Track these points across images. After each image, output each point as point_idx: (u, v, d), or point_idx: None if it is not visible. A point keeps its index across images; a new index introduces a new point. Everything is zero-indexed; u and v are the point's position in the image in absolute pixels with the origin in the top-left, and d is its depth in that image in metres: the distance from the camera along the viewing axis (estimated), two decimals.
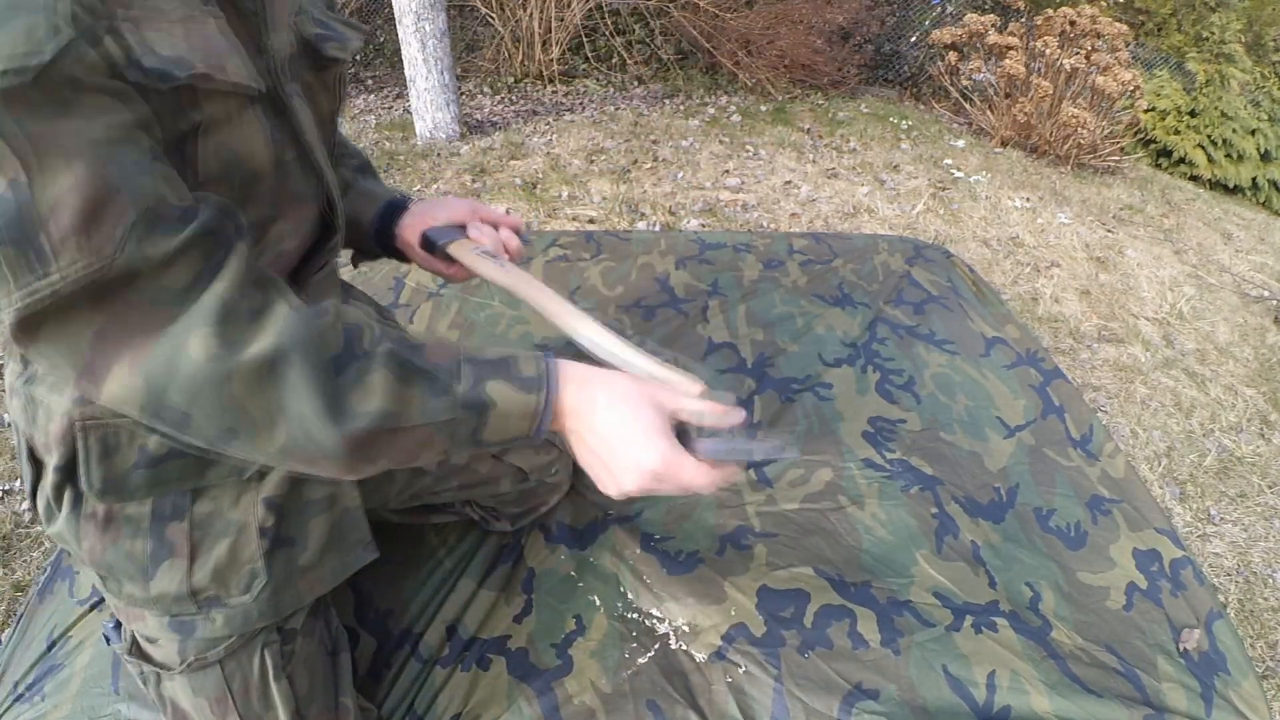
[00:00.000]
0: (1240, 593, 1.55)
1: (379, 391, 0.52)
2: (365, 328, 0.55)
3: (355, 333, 0.54)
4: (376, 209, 0.90)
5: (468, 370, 0.56)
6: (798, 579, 1.06)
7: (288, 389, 0.49)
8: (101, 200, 0.44)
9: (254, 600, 0.71)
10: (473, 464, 0.97)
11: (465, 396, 0.56)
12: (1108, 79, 3.82)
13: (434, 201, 0.91)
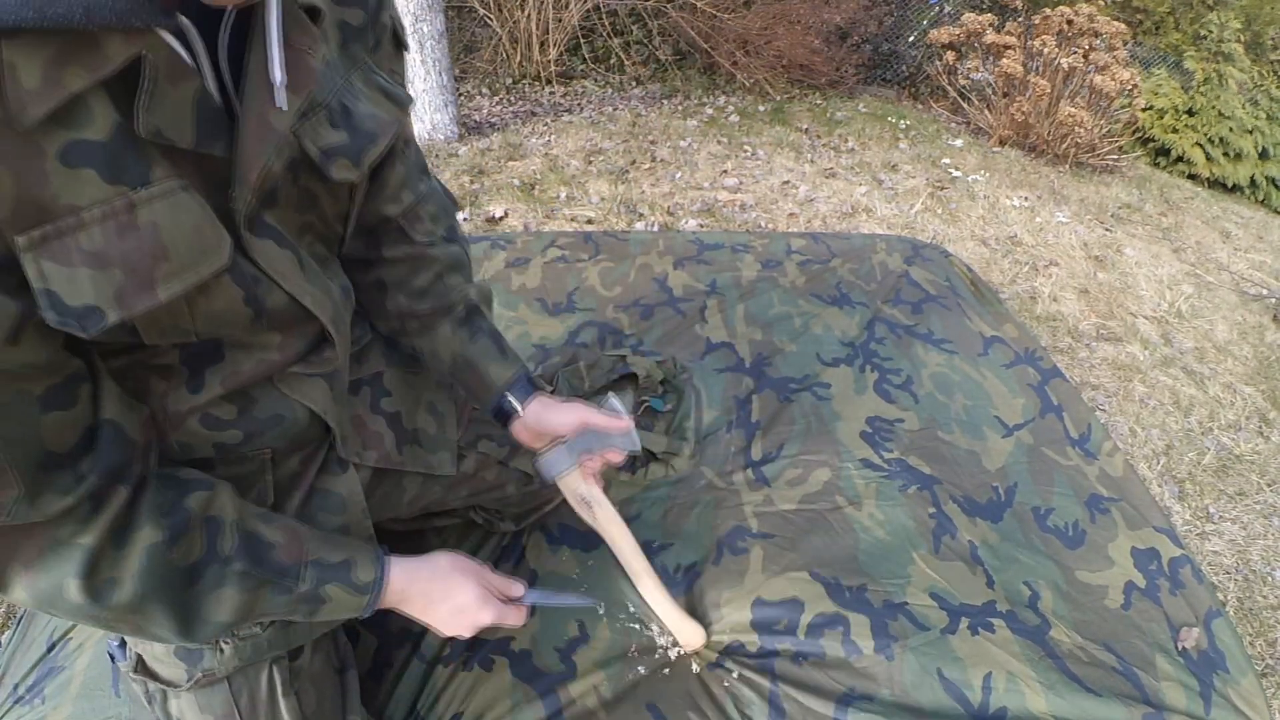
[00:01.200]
0: (1239, 591, 1.55)
1: (229, 605, 0.60)
2: (224, 528, 0.61)
3: (215, 533, 0.60)
4: (488, 405, 0.91)
5: (311, 574, 0.65)
6: (793, 586, 1.06)
7: (148, 621, 0.57)
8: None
9: (264, 632, 0.71)
10: (480, 472, 0.97)
11: (304, 594, 0.65)
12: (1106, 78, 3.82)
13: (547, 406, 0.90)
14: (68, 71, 0.42)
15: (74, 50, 0.41)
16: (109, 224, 0.46)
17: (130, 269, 0.48)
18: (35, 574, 0.51)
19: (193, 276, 0.51)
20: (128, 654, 0.73)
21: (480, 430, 0.98)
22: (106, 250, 0.46)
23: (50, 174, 0.43)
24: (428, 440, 0.89)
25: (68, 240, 0.45)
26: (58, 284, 0.45)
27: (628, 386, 1.42)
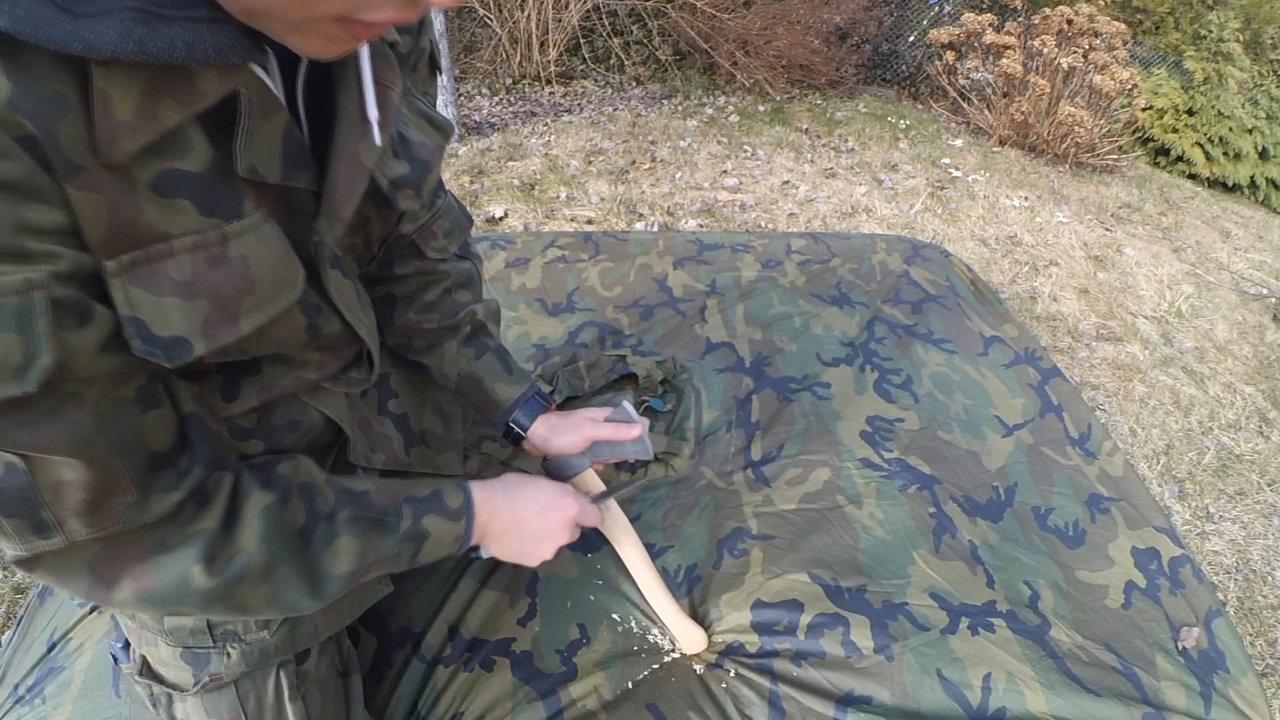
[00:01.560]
0: (1239, 590, 1.55)
1: (347, 554, 0.61)
2: (318, 488, 0.62)
3: (311, 495, 0.61)
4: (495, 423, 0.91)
5: (408, 510, 0.67)
6: (792, 588, 1.06)
7: (280, 587, 0.58)
8: (103, 488, 0.47)
9: (271, 636, 0.71)
10: (483, 473, 0.97)
11: (408, 531, 0.66)
12: (1105, 78, 3.82)
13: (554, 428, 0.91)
14: (162, 105, 0.42)
15: (167, 83, 0.41)
16: (199, 254, 0.47)
17: (218, 301, 0.48)
18: (147, 576, 0.52)
19: (273, 309, 0.53)
20: (132, 656, 0.73)
21: (483, 431, 0.98)
22: (196, 281, 0.47)
23: (142, 202, 0.43)
24: (435, 441, 0.89)
25: (156, 268, 0.45)
26: (146, 312, 0.45)
27: (627, 386, 1.42)
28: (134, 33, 0.37)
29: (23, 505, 0.45)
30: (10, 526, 0.45)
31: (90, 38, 0.36)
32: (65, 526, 0.46)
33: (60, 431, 0.44)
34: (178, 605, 0.54)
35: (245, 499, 0.56)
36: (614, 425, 0.90)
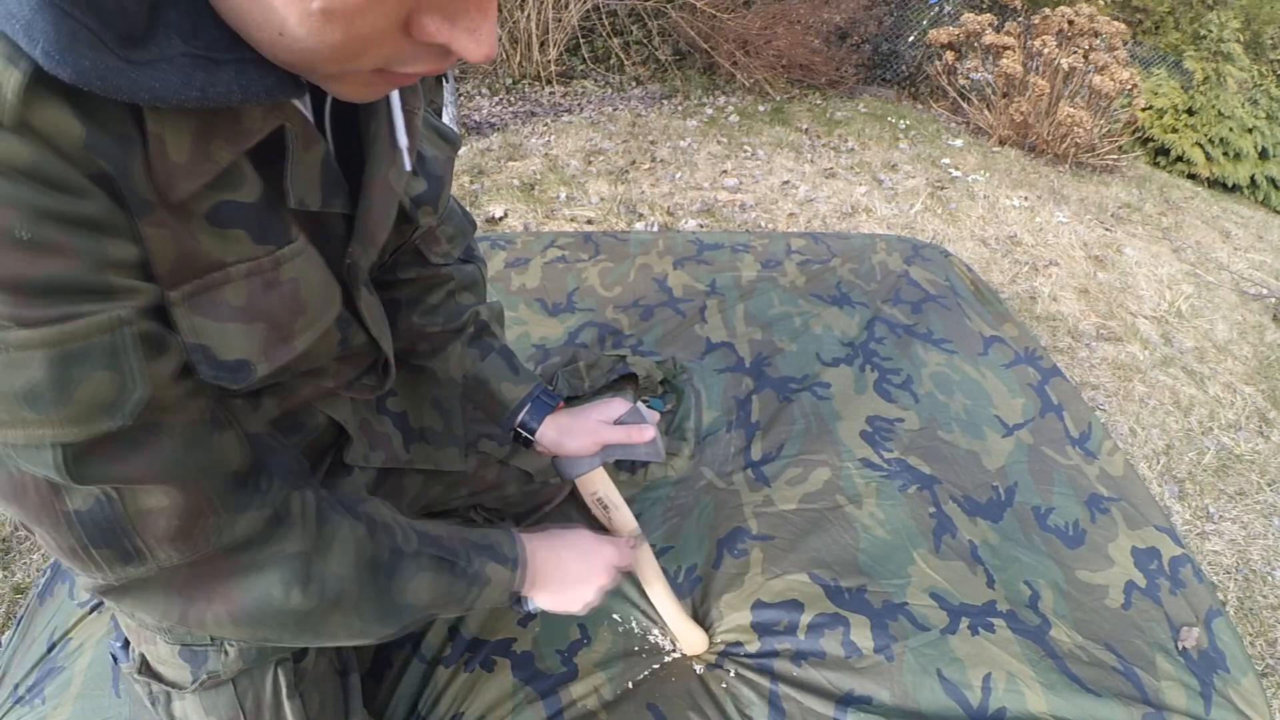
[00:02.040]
0: (1239, 590, 1.55)
1: (423, 590, 0.63)
2: (399, 525, 0.64)
3: (392, 532, 0.63)
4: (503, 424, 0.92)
5: (473, 554, 0.69)
6: (792, 588, 1.06)
7: (358, 615, 0.59)
8: (191, 512, 0.48)
9: None
10: (481, 471, 0.97)
11: (474, 574, 0.68)
12: (1105, 78, 3.82)
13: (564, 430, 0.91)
14: (214, 144, 0.43)
15: (216, 123, 0.42)
16: (255, 280, 0.48)
17: (274, 323, 0.50)
18: (236, 597, 0.52)
19: (319, 328, 0.55)
20: (131, 655, 0.73)
21: (481, 429, 0.98)
22: (252, 305, 0.48)
23: (199, 233, 0.44)
24: (435, 437, 0.89)
25: (215, 295, 0.46)
26: (210, 338, 0.47)
27: (627, 386, 1.42)
28: (194, 78, 0.37)
29: (112, 535, 0.45)
30: (99, 556, 0.46)
31: (155, 85, 0.36)
32: (154, 553, 0.47)
33: (150, 461, 0.45)
34: (268, 627, 0.55)
35: (335, 526, 0.58)
36: (626, 428, 0.90)
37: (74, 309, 0.39)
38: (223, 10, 0.37)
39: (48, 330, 0.38)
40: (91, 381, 0.40)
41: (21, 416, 0.39)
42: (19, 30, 0.33)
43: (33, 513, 0.44)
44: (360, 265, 0.59)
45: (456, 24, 0.37)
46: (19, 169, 0.35)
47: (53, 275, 0.38)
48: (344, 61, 0.39)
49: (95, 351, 0.40)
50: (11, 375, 0.38)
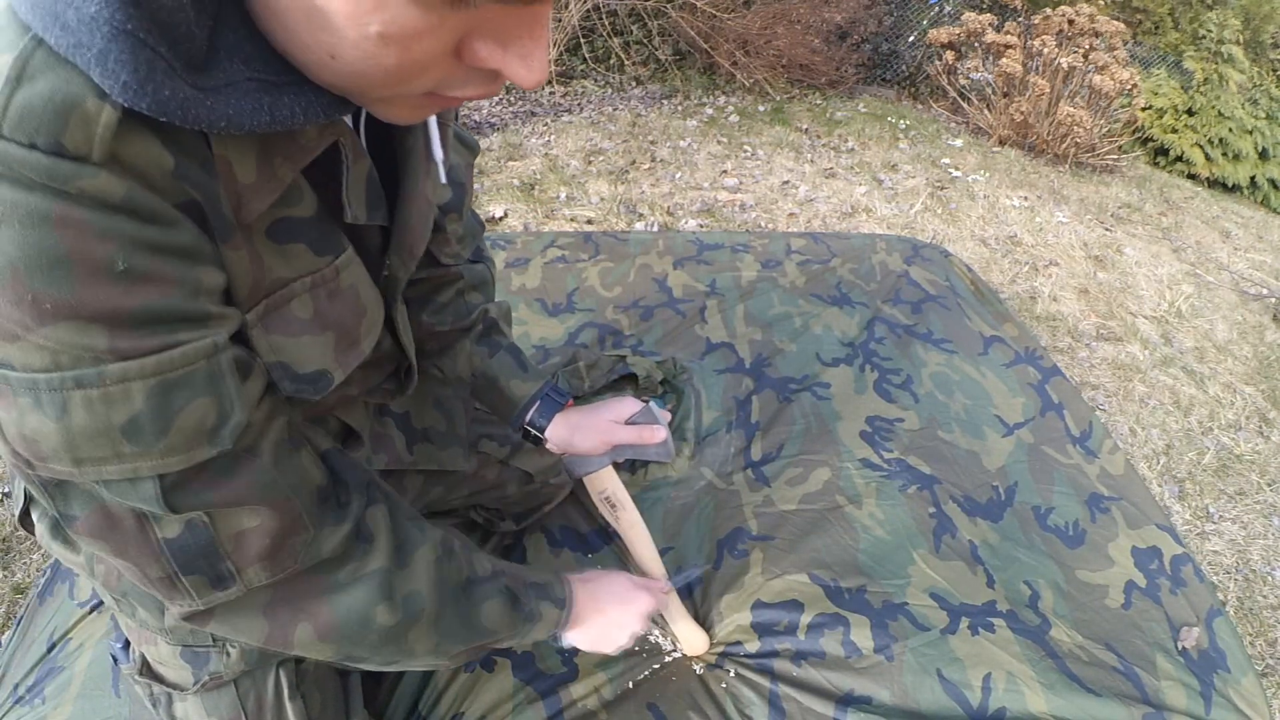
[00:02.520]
0: (1240, 590, 1.55)
1: (494, 615, 0.65)
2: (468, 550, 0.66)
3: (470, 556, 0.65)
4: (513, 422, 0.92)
5: (530, 593, 0.71)
6: (792, 589, 1.06)
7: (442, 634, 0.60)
8: (284, 530, 0.48)
9: None
10: (481, 471, 0.97)
11: (529, 611, 0.70)
12: (1105, 78, 3.82)
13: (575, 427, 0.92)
14: (275, 163, 0.43)
15: (276, 142, 0.43)
16: (319, 291, 0.49)
17: (341, 329, 0.51)
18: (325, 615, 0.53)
19: (378, 329, 0.56)
20: (131, 656, 0.73)
21: (481, 430, 0.98)
22: (320, 316, 0.49)
23: (262, 251, 0.45)
24: (438, 437, 0.89)
25: (285, 311, 0.47)
26: (288, 354, 0.48)
27: (627, 386, 1.42)
28: (262, 103, 0.37)
29: (204, 561, 0.46)
30: (189, 583, 0.46)
31: (231, 113, 0.36)
32: (244, 575, 0.47)
33: (245, 483, 0.45)
34: (355, 644, 0.55)
35: (414, 546, 0.59)
36: (637, 428, 0.91)
37: (171, 338, 0.39)
38: (271, 31, 0.37)
39: (146, 361, 0.38)
40: (192, 409, 0.41)
41: (120, 450, 0.39)
42: (92, 61, 0.32)
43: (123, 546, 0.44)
44: (399, 277, 0.59)
45: (509, 49, 0.37)
46: (113, 203, 0.35)
47: (149, 305, 0.38)
48: (396, 85, 0.38)
49: (195, 379, 0.40)
50: (110, 409, 0.38)
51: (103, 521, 0.43)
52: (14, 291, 0.35)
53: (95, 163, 0.34)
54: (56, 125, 0.33)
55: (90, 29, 0.32)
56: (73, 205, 0.34)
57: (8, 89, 0.33)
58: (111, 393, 0.38)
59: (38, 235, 0.34)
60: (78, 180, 0.34)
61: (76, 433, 0.39)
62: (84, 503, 0.43)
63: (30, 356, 0.37)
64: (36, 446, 0.39)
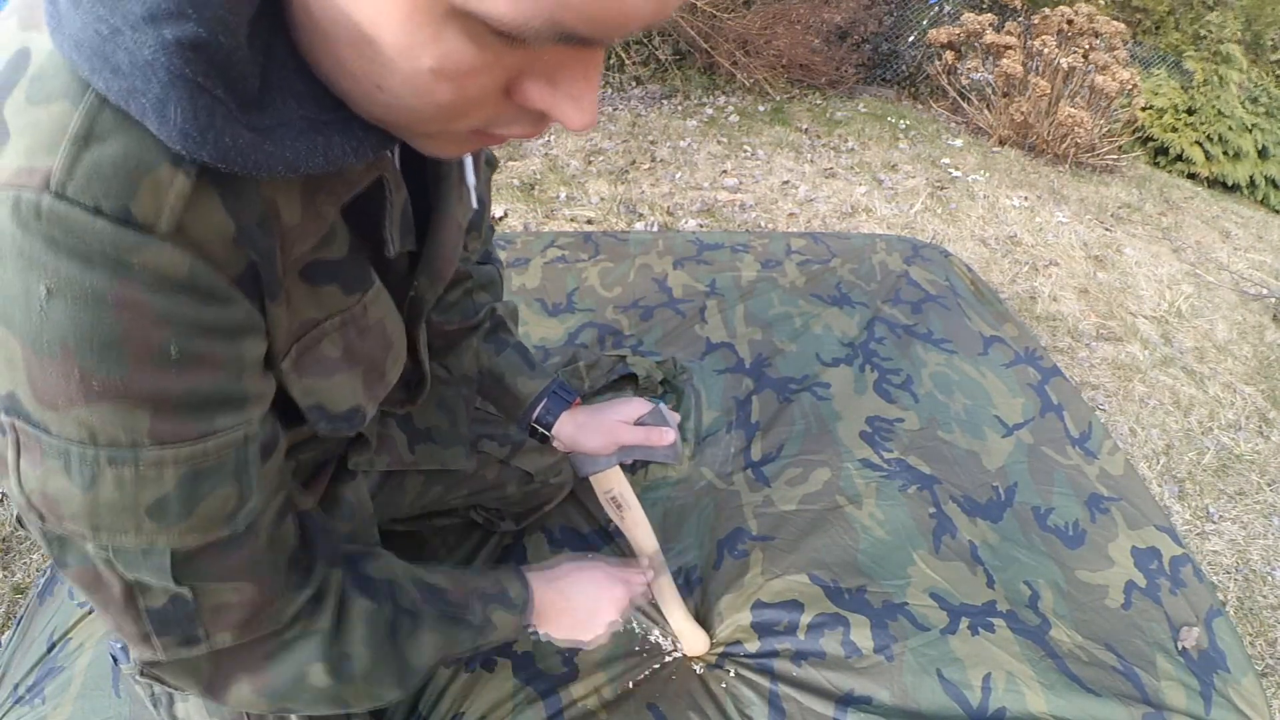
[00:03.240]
0: (1239, 590, 1.55)
1: (430, 649, 0.63)
2: (400, 584, 0.64)
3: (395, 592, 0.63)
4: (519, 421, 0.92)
5: (477, 605, 0.69)
6: (792, 589, 1.06)
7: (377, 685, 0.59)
8: (262, 604, 0.48)
9: None
10: (481, 471, 0.97)
11: (479, 625, 0.68)
12: (1105, 78, 3.82)
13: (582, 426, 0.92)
14: (319, 200, 0.42)
15: (320, 179, 0.42)
16: (349, 329, 0.48)
17: (370, 363, 0.51)
18: (265, 675, 0.52)
19: (403, 359, 0.56)
20: (132, 656, 0.72)
21: (481, 429, 0.98)
22: (350, 352, 0.49)
23: (294, 294, 0.44)
24: (441, 436, 0.89)
25: (316, 352, 0.46)
26: (322, 395, 0.48)
27: (627, 387, 1.42)
28: (316, 144, 0.36)
29: (180, 626, 0.46)
30: (161, 642, 0.46)
31: (289, 156, 0.35)
32: (214, 639, 0.47)
33: (240, 559, 0.45)
34: (288, 701, 0.55)
35: (349, 603, 0.58)
36: (645, 430, 0.91)
37: (209, 425, 0.39)
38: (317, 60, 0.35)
39: (182, 449, 0.38)
40: (217, 495, 0.41)
41: (141, 525, 0.39)
42: (149, 109, 0.31)
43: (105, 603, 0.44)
44: (425, 299, 0.59)
45: (560, 90, 0.36)
46: (175, 280, 0.34)
47: (195, 389, 0.37)
48: (444, 122, 0.37)
49: (224, 467, 0.40)
50: (140, 489, 0.38)
51: (91, 580, 0.43)
52: (62, 365, 0.34)
53: (161, 234, 0.33)
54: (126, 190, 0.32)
55: (146, 74, 0.30)
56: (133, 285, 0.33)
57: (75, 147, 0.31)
58: (144, 475, 0.38)
59: (94, 315, 0.33)
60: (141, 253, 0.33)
61: (102, 504, 0.38)
62: (79, 558, 0.42)
63: (68, 427, 0.36)
64: (57, 507, 0.39)
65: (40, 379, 0.34)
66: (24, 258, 0.32)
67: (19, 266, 0.32)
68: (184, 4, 0.30)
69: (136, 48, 0.30)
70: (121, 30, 0.30)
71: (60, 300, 0.33)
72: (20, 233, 0.31)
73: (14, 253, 0.32)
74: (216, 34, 0.31)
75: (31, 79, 0.32)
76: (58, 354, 0.34)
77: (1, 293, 0.33)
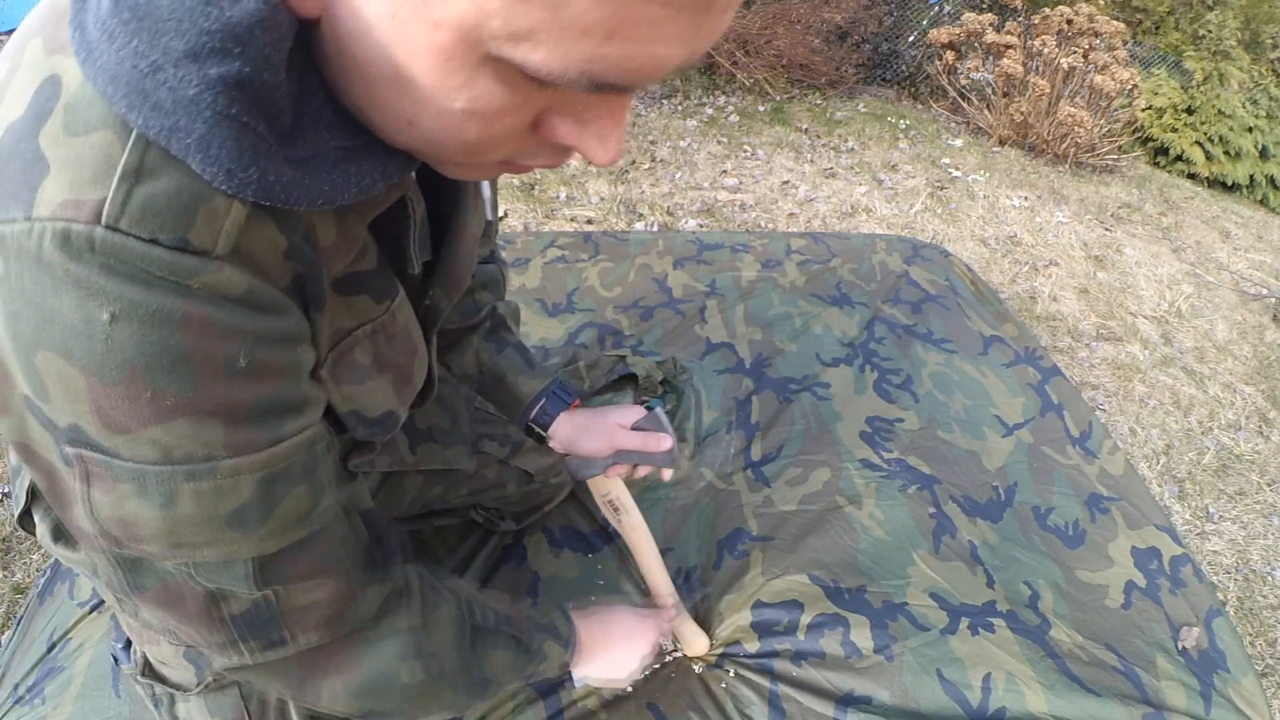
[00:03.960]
0: (1239, 590, 1.55)
1: (501, 666, 0.65)
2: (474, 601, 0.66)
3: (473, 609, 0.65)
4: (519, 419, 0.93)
5: (536, 634, 0.72)
6: (792, 589, 1.06)
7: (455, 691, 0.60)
8: (343, 599, 0.49)
9: None
10: (481, 470, 0.97)
11: (534, 651, 0.71)
12: (1105, 77, 3.82)
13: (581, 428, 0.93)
14: (349, 221, 0.43)
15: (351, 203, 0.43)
16: (379, 337, 0.49)
17: (398, 369, 0.52)
18: (356, 671, 0.53)
19: (425, 364, 0.57)
20: (133, 656, 0.72)
21: (481, 429, 0.98)
22: (379, 358, 0.50)
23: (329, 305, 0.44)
24: (442, 436, 0.89)
25: (349, 360, 0.47)
26: (359, 402, 0.48)
27: (627, 387, 1.42)
28: (350, 174, 0.37)
29: (265, 630, 0.46)
30: (246, 647, 0.47)
31: (326, 189, 0.36)
32: (298, 640, 0.48)
33: (316, 557, 0.46)
34: (378, 700, 0.55)
35: (436, 604, 0.59)
36: (643, 435, 0.91)
37: (279, 430, 0.40)
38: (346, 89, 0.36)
39: (257, 456, 0.39)
40: (293, 497, 0.41)
41: (221, 536, 0.40)
42: (192, 148, 0.31)
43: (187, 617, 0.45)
44: (440, 307, 0.60)
45: (587, 128, 0.37)
46: (235, 297, 0.35)
47: (263, 398, 0.38)
48: (473, 155, 0.38)
49: (296, 469, 0.41)
50: (219, 501, 0.38)
51: (169, 598, 0.44)
52: (131, 389, 0.34)
53: (218, 257, 0.34)
54: (183, 222, 0.32)
55: (190, 113, 0.30)
56: (196, 303, 0.34)
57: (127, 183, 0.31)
58: (222, 486, 0.38)
59: (160, 335, 0.33)
60: (200, 276, 0.33)
61: (180, 520, 0.39)
62: (155, 578, 0.43)
63: (140, 449, 0.36)
64: (134, 530, 0.39)
65: (108, 406, 0.34)
66: (81, 288, 0.32)
67: (76, 297, 0.32)
68: (229, 41, 0.30)
69: (180, 85, 0.30)
70: (163, 67, 0.30)
71: (124, 324, 0.33)
72: (73, 265, 0.31)
73: (69, 284, 0.32)
74: (261, 71, 0.31)
75: (66, 109, 0.32)
76: (125, 378, 0.34)
77: (58, 326, 0.32)
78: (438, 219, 0.56)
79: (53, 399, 0.35)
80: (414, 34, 0.30)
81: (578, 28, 0.28)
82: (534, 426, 0.91)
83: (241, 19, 0.30)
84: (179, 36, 0.30)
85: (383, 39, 0.31)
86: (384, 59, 0.32)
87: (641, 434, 0.90)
